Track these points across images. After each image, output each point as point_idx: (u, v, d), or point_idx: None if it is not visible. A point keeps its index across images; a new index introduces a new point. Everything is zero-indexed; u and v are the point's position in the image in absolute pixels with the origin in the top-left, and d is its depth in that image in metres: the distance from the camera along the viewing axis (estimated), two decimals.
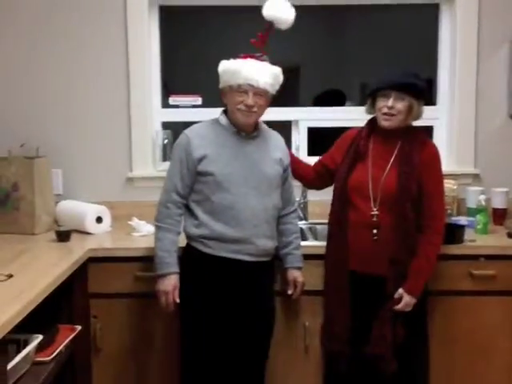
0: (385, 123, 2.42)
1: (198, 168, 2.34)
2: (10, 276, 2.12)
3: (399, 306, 2.34)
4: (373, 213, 2.37)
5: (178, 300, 2.37)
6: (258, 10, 2.42)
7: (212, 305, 2.35)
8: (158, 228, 2.41)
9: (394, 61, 4.37)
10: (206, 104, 3.38)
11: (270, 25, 2.41)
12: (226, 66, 2.34)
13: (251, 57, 2.34)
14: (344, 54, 4.62)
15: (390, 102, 2.37)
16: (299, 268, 2.54)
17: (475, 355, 2.68)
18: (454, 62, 3.23)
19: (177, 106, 3.40)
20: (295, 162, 2.65)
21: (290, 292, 2.54)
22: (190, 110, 3.39)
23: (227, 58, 2.36)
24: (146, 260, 2.57)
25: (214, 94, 2.69)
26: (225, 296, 2.36)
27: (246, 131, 2.39)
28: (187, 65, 4.59)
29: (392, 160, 2.41)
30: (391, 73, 2.45)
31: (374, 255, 2.37)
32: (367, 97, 2.51)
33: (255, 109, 2.32)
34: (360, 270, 2.40)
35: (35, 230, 2.93)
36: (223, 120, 2.41)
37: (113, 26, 3.19)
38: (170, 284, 2.35)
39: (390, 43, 4.67)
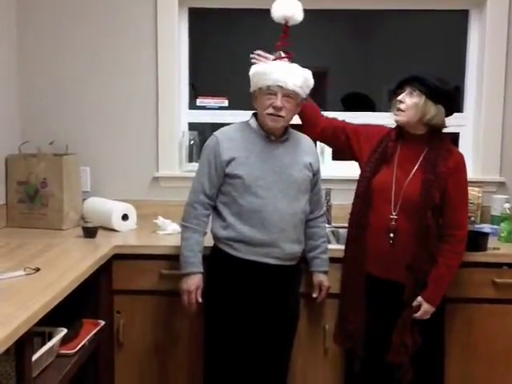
0: (395, 118, 2.42)
1: (226, 170, 2.35)
2: (38, 270, 2.16)
3: (418, 315, 2.33)
4: (392, 216, 2.36)
5: (200, 299, 2.40)
6: None
7: (236, 306, 2.37)
8: (184, 228, 2.43)
9: (421, 67, 4.35)
10: (233, 106, 3.41)
11: (285, 26, 2.43)
12: (255, 69, 2.35)
13: (280, 59, 2.38)
14: (372, 60, 4.61)
15: (401, 96, 2.38)
16: (325, 272, 2.55)
17: (495, 363, 2.66)
18: (482, 69, 3.21)
19: (203, 108, 3.44)
20: (313, 107, 2.62)
21: (314, 295, 2.55)
22: (216, 111, 3.43)
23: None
24: (171, 258, 2.60)
25: (239, 96, 2.72)
26: (249, 298, 2.37)
27: (275, 135, 2.39)
28: (214, 66, 4.62)
29: (417, 166, 2.39)
30: (412, 72, 2.42)
31: (391, 260, 2.36)
32: (392, 96, 2.47)
33: (283, 113, 2.31)
34: (376, 273, 2.40)
35: (63, 225, 2.99)
36: (253, 123, 2.42)
37: (143, 27, 3.23)
38: (192, 283, 2.38)
39: (417, 49, 4.66)
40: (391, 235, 2.36)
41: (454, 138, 3.26)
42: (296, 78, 2.30)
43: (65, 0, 3.22)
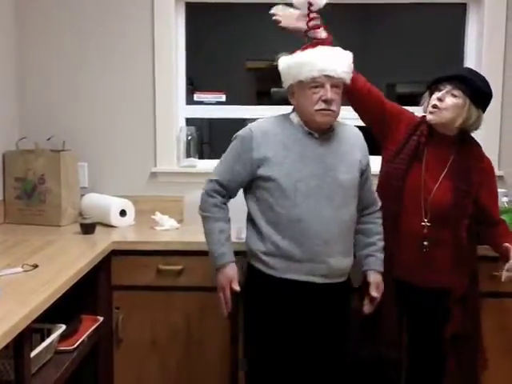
0: (429, 116, 2.26)
1: (258, 172, 2.08)
2: (36, 266, 2.16)
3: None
4: (423, 223, 2.25)
5: (237, 288, 2.15)
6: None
7: (277, 332, 2.12)
8: (204, 219, 2.19)
9: (419, 61, 4.35)
10: (230, 101, 3.40)
11: (309, 10, 2.19)
12: (290, 61, 2.06)
13: (320, 44, 2.08)
14: (370, 53, 4.62)
15: (441, 94, 2.22)
16: (379, 271, 2.24)
17: (494, 357, 2.64)
18: (480, 62, 3.20)
19: (201, 103, 3.43)
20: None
21: (373, 294, 2.20)
22: (214, 106, 3.42)
23: (251, 56, 2.30)
24: (169, 254, 2.61)
25: (237, 91, 2.69)
26: (292, 323, 2.11)
27: (319, 132, 2.10)
28: (211, 61, 4.62)
29: (445, 171, 2.29)
30: (457, 68, 2.30)
31: (423, 267, 2.27)
32: (427, 91, 2.34)
33: (334, 106, 2.02)
34: (405, 278, 2.30)
35: (61, 222, 2.98)
36: (295, 118, 2.13)
37: (140, 22, 3.21)
38: (225, 277, 2.14)
39: (415, 42, 4.65)
40: (425, 243, 2.25)
41: None
42: (343, 63, 2.02)
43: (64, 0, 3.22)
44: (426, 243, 2.26)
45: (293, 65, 2.05)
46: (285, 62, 2.09)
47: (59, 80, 3.26)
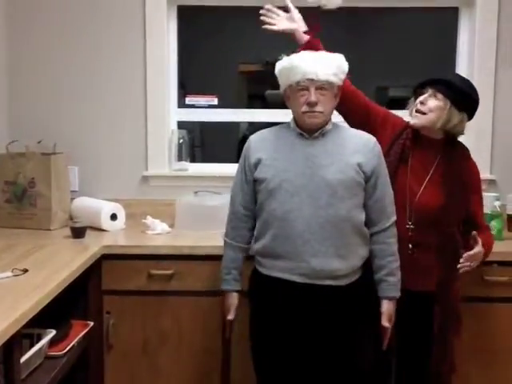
0: (413, 121, 2.29)
1: (254, 175, 2.16)
2: (26, 271, 2.14)
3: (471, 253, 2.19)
4: (408, 226, 2.26)
5: (229, 318, 2.27)
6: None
7: (269, 331, 2.16)
8: (223, 242, 2.31)
9: (410, 65, 4.36)
10: (222, 104, 3.40)
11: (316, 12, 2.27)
12: (281, 66, 2.13)
13: (305, 49, 2.16)
14: (360, 57, 4.63)
15: (423, 97, 2.25)
16: (391, 298, 2.18)
17: (486, 362, 2.66)
18: (472, 66, 3.20)
19: (193, 106, 3.42)
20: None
21: (384, 324, 2.17)
22: (205, 109, 3.41)
23: (244, 59, 2.32)
24: (160, 258, 2.60)
25: (229, 94, 2.68)
26: (281, 323, 2.13)
27: (310, 132, 2.14)
28: (203, 64, 4.61)
29: (431, 174, 2.30)
30: (440, 74, 2.31)
31: (410, 270, 2.23)
32: (412, 96, 2.36)
33: (320, 108, 2.06)
34: None
35: (51, 225, 2.96)
36: (292, 122, 2.19)
37: (131, 25, 3.20)
38: (226, 303, 2.28)
39: (407, 46, 4.66)
40: (410, 246, 2.25)
41: None
42: (327, 66, 2.05)
43: (53, 1, 3.20)
44: (411, 246, 2.26)
45: (283, 69, 2.12)
46: (277, 68, 2.16)
47: (50, 83, 3.24)
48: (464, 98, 2.25)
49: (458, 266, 2.19)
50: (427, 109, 2.25)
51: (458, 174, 2.28)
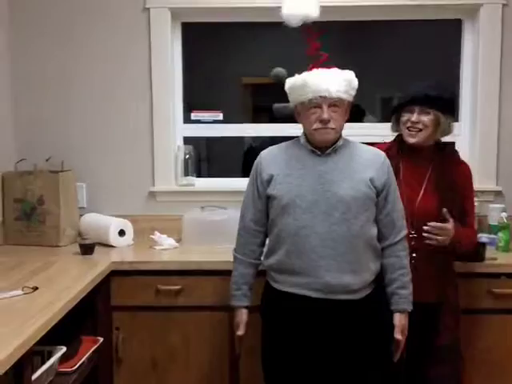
0: (410, 139, 2.33)
1: (267, 191, 2.17)
2: (36, 288, 2.15)
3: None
4: (411, 235, 2.28)
5: (238, 333, 2.27)
6: (278, 25, 2.37)
7: (285, 346, 2.16)
8: (233, 257, 2.31)
9: (415, 76, 4.36)
10: (227, 119, 3.41)
11: (309, 26, 2.24)
12: (291, 83, 2.15)
13: (315, 66, 2.16)
14: (364, 68, 4.65)
15: (415, 117, 2.30)
16: (403, 311, 2.19)
17: (493, 374, 2.65)
18: (477, 78, 3.21)
19: (198, 122, 3.44)
20: None
21: (397, 337, 2.17)
22: (211, 125, 3.42)
23: (247, 73, 2.31)
24: (168, 273, 2.61)
25: (234, 110, 2.69)
26: (295, 338, 2.13)
27: (322, 149, 2.15)
28: (208, 79, 4.63)
29: (426, 181, 2.35)
30: (415, 86, 2.36)
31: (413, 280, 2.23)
32: (391, 114, 2.44)
33: (332, 124, 2.08)
34: None
35: (60, 242, 2.98)
36: (302, 138, 2.20)
37: (136, 41, 3.23)
38: (236, 320, 2.28)
39: (412, 58, 4.67)
40: (414, 255, 2.28)
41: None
42: (338, 83, 2.07)
43: (59, 16, 3.22)
44: (414, 255, 2.29)
45: (294, 87, 2.14)
46: (287, 85, 2.18)
47: (57, 101, 3.27)
48: (448, 104, 2.34)
49: (424, 228, 2.24)
50: (422, 125, 2.31)
51: (450, 180, 2.33)
